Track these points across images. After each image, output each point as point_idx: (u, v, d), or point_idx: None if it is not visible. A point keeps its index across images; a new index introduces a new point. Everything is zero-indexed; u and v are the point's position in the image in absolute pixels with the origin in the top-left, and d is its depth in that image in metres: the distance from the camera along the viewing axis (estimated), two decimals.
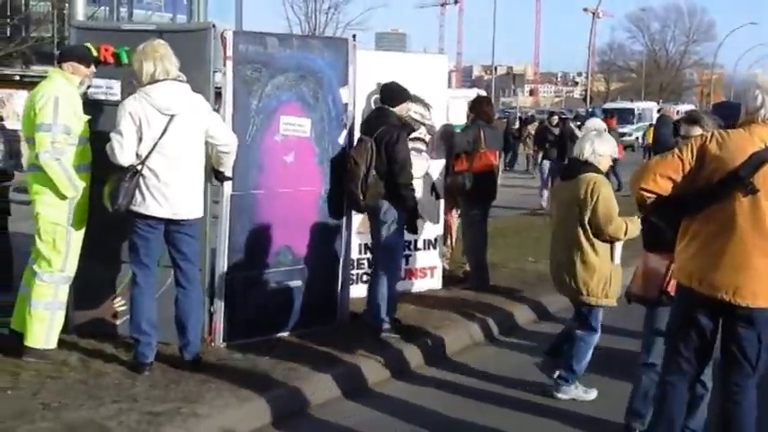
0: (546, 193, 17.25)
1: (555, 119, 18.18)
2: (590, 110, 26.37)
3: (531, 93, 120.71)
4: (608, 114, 23.95)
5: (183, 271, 5.73)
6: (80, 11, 7.00)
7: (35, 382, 5.38)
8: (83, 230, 5.91)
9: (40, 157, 5.61)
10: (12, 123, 8.68)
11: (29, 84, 25.28)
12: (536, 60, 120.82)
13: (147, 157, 5.46)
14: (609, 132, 21.65)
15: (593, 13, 54.42)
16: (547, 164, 17.31)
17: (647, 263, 4.94)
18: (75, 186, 5.73)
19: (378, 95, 7.11)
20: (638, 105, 48.32)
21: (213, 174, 5.98)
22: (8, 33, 28.78)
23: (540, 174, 17.88)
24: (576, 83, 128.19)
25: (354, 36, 7.00)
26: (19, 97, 13.93)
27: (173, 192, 5.53)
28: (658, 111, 34.58)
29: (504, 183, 8.95)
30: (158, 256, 5.70)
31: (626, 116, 39.61)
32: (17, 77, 27.16)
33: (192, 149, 5.63)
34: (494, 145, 8.51)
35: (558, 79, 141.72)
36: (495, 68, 64.32)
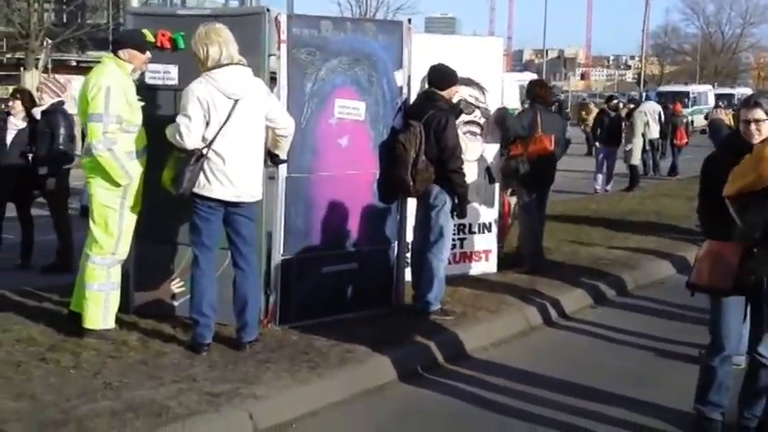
0: (600, 178, 17.08)
1: (613, 102, 17.91)
2: (644, 93, 25.93)
3: (583, 76, 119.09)
4: (662, 98, 23.47)
5: (241, 253, 5.76)
6: None
7: (96, 361, 5.46)
8: (136, 214, 5.97)
9: (93, 147, 5.68)
10: (70, 107, 8.83)
11: (85, 69, 25.69)
12: (588, 44, 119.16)
13: (212, 140, 5.48)
14: (674, 117, 21.44)
15: None
16: (601, 147, 17.13)
17: (713, 252, 4.79)
18: (129, 174, 5.79)
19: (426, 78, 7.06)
20: (692, 88, 47.41)
21: (269, 157, 6.00)
22: (65, 20, 29.28)
23: (595, 158, 17.66)
24: (629, 66, 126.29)
25: (410, 19, 6.95)
26: (77, 81, 14.10)
27: (236, 175, 5.56)
28: (716, 101, 33.92)
29: (558, 166, 8.81)
30: (219, 237, 5.73)
31: (680, 99, 38.99)
32: (74, 63, 27.69)
33: (254, 133, 5.66)
34: (551, 129, 8.37)
35: (610, 62, 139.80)
36: (546, 52, 63.79)
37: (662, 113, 20.19)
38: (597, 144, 17.50)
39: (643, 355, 6.51)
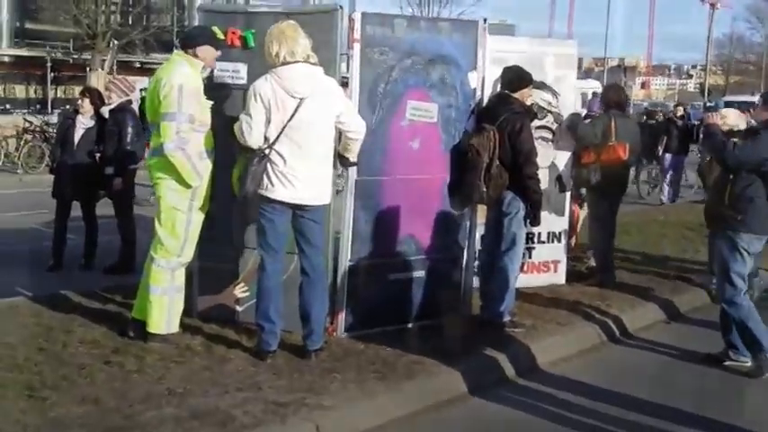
0: (666, 188, 16.62)
1: (680, 110, 17.45)
2: (710, 103, 25.32)
3: (643, 85, 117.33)
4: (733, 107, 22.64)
5: (307, 257, 5.60)
6: None
7: (159, 366, 5.35)
8: (202, 216, 5.85)
9: (165, 147, 5.54)
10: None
11: (148, 71, 25.99)
12: (649, 52, 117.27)
13: (275, 140, 5.33)
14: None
15: (712, 5, 52.56)
16: (668, 157, 16.65)
17: None
18: (200, 175, 5.66)
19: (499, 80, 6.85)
20: (759, 99, 46.26)
21: (339, 159, 5.83)
22: (130, 21, 29.69)
23: (661, 168, 17.16)
24: (690, 75, 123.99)
25: (485, 19, 6.72)
26: (140, 83, 14.20)
27: (299, 177, 5.39)
28: None
29: None
30: (285, 240, 5.58)
31: (746, 110, 38.09)
32: (138, 64, 28.02)
33: (321, 134, 5.47)
34: (626, 137, 8.05)
35: (672, 71, 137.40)
36: (607, 60, 63.08)
37: None
38: (666, 154, 16.94)
39: (718, 374, 6.24)
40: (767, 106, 6.20)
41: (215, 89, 6.04)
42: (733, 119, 6.73)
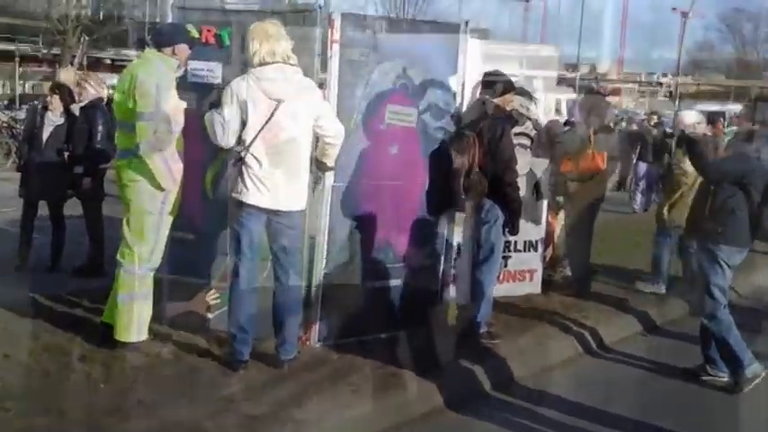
0: (639, 197, 16.55)
1: (654, 118, 17.47)
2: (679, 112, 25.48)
3: (614, 93, 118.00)
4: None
5: (281, 264, 5.45)
6: None
7: (128, 375, 5.21)
8: (171, 220, 5.68)
9: (142, 148, 5.36)
10: None
11: (119, 68, 25.74)
12: (620, 60, 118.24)
13: (251, 143, 5.17)
14: (715, 138, 20.84)
15: (683, 14, 52.95)
16: (643, 166, 16.60)
17: None
18: (174, 177, 5.49)
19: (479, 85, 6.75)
20: (729, 108, 46.65)
21: (316, 164, 5.68)
22: (101, 17, 29.38)
23: (634, 176, 17.13)
24: (660, 84, 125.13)
25: (467, 22, 6.61)
26: (110, 80, 13.94)
27: (275, 181, 5.24)
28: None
29: None
30: (259, 247, 5.43)
31: (717, 119, 38.25)
32: (108, 61, 27.70)
33: (298, 138, 5.31)
34: (605, 146, 7.99)
35: (642, 79, 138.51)
36: (578, 67, 63.39)
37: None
38: (640, 162, 16.92)
39: (696, 389, 6.20)
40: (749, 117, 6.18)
41: (189, 89, 5.87)
42: (692, 119, 7.03)
